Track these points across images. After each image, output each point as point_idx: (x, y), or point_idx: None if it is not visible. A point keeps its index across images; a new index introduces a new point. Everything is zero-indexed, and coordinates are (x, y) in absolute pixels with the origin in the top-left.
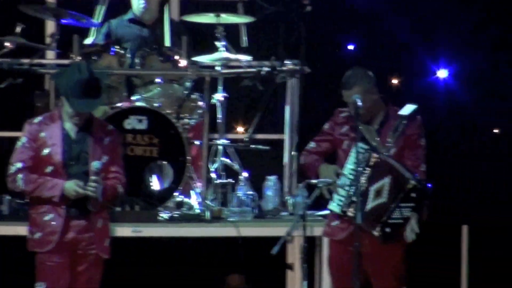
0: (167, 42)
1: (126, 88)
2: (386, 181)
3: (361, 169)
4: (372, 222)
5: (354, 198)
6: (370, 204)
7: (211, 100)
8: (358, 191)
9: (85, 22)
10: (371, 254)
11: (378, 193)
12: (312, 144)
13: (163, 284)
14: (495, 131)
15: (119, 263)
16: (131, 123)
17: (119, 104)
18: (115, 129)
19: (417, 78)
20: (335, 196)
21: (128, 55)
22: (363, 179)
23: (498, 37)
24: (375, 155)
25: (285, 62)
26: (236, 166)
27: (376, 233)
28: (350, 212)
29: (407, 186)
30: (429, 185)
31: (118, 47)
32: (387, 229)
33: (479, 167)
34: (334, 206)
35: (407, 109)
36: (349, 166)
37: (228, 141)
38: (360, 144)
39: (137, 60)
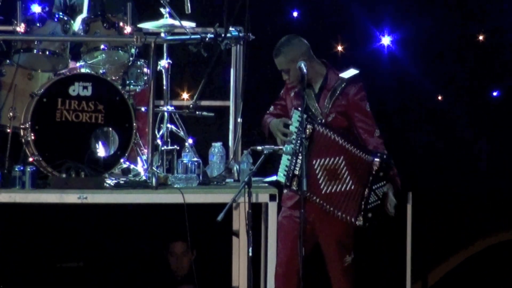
0: (113, 9)
1: (71, 54)
2: (338, 162)
3: (301, 140)
4: (350, 211)
5: (296, 172)
6: (328, 187)
7: (157, 67)
8: (302, 163)
9: None
10: (317, 222)
11: (332, 173)
12: (271, 108)
13: (108, 251)
14: (439, 98)
15: (65, 229)
16: (76, 89)
17: (63, 71)
18: None
19: (361, 45)
20: (281, 166)
21: (72, 22)
22: (303, 151)
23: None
24: (309, 126)
25: (230, 29)
26: (181, 133)
27: (359, 222)
28: (294, 186)
29: (374, 168)
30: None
31: (61, 14)
32: (369, 215)
33: (424, 134)
34: (280, 176)
35: (349, 72)
36: (293, 133)
37: (174, 108)
38: (297, 112)
39: (81, 27)
